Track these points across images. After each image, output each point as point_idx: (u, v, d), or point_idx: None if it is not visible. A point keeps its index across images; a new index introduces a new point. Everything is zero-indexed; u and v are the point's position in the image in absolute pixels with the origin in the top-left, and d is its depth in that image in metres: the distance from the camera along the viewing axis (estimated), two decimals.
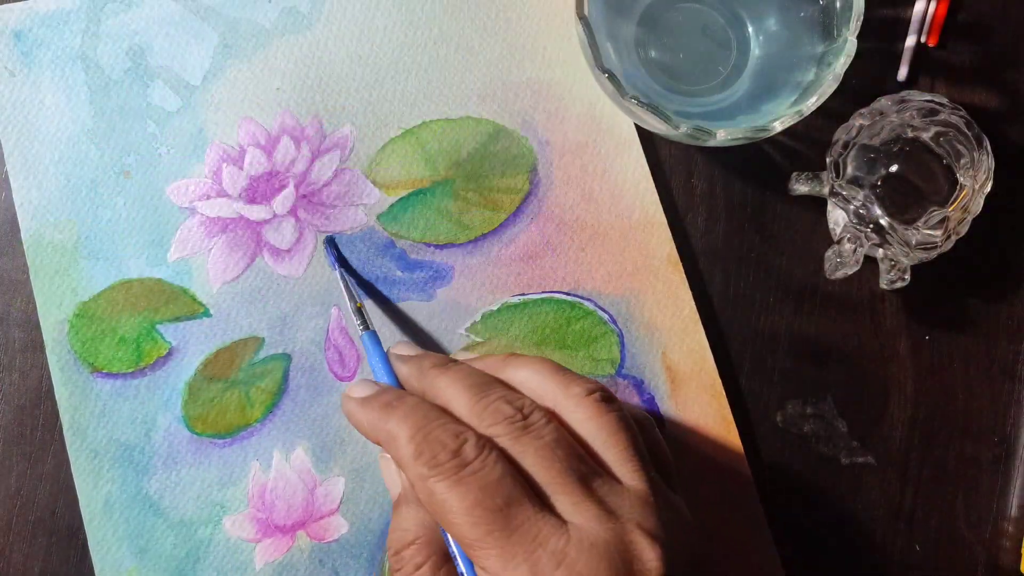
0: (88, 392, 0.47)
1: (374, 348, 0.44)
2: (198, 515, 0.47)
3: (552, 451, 0.37)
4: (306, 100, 0.50)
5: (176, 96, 0.49)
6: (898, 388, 0.50)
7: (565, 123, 0.51)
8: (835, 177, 0.48)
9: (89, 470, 0.46)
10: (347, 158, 0.50)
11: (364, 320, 0.45)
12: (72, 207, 0.48)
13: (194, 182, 0.49)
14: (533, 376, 0.41)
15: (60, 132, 0.49)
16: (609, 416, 0.39)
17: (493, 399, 0.39)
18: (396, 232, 0.49)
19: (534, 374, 0.41)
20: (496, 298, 0.49)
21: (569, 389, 0.40)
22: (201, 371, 0.48)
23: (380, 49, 0.51)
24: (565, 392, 0.40)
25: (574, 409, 0.39)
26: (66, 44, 0.49)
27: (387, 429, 0.39)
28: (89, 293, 0.48)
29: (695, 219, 0.51)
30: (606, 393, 0.40)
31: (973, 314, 0.51)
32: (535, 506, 0.36)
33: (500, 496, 0.36)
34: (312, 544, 0.47)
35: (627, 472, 0.38)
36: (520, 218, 0.50)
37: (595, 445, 0.39)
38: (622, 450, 0.38)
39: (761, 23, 0.50)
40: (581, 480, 0.37)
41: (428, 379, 0.41)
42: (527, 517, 0.35)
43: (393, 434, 0.38)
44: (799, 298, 0.50)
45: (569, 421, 0.39)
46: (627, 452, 0.38)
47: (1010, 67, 0.52)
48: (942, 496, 0.50)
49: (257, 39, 0.50)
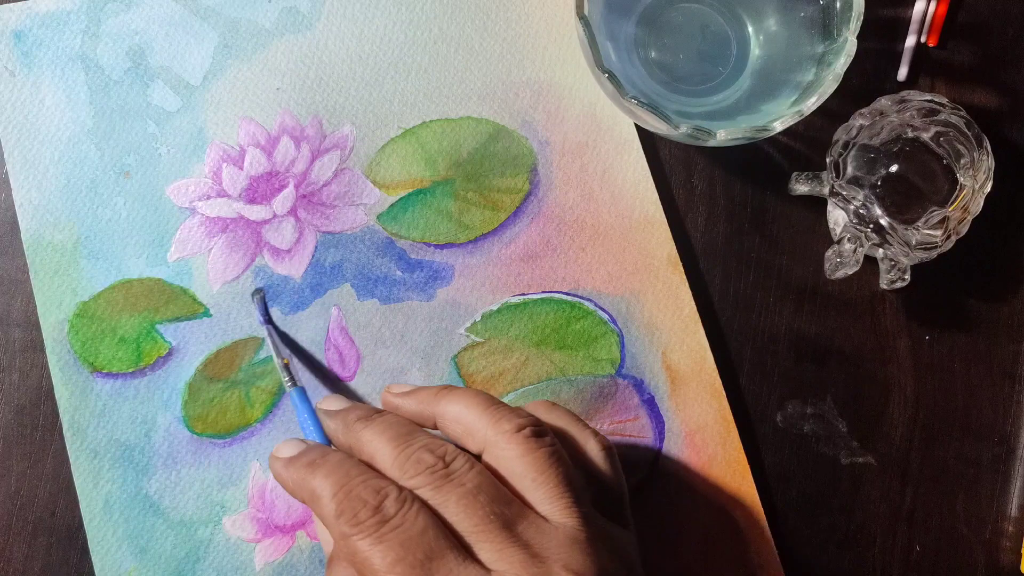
0: (88, 392, 0.47)
1: (302, 404, 0.44)
2: (198, 515, 0.47)
3: (474, 498, 0.37)
4: (306, 100, 0.50)
5: (176, 96, 0.49)
6: (898, 388, 0.50)
7: (565, 123, 0.51)
8: (835, 177, 0.48)
9: (89, 470, 0.46)
10: (347, 158, 0.50)
11: (291, 376, 0.45)
12: (72, 207, 0.48)
13: (194, 182, 0.49)
14: (464, 412, 0.40)
15: (60, 132, 0.49)
16: (538, 453, 0.39)
17: (415, 449, 0.39)
18: (396, 232, 0.49)
19: (465, 409, 0.40)
20: (496, 298, 0.49)
21: (499, 425, 0.39)
22: (201, 371, 0.48)
23: (380, 49, 0.51)
24: (495, 428, 0.39)
25: (504, 446, 0.39)
26: (66, 44, 0.49)
27: (310, 488, 0.38)
28: (89, 293, 0.48)
29: (695, 219, 0.51)
30: (537, 428, 0.40)
31: (973, 314, 0.51)
32: (457, 557, 0.36)
33: (421, 551, 0.35)
34: (312, 544, 0.47)
35: (556, 510, 0.38)
36: (520, 218, 0.50)
37: (523, 483, 0.38)
38: (551, 487, 0.38)
39: (761, 23, 0.50)
40: (505, 526, 0.37)
41: (353, 433, 0.41)
42: (449, 570, 0.35)
43: (317, 493, 0.38)
44: (799, 298, 0.50)
45: (498, 458, 0.39)
46: (556, 489, 0.38)
47: (1010, 67, 0.52)
48: (942, 496, 0.50)
49: (257, 39, 0.50)
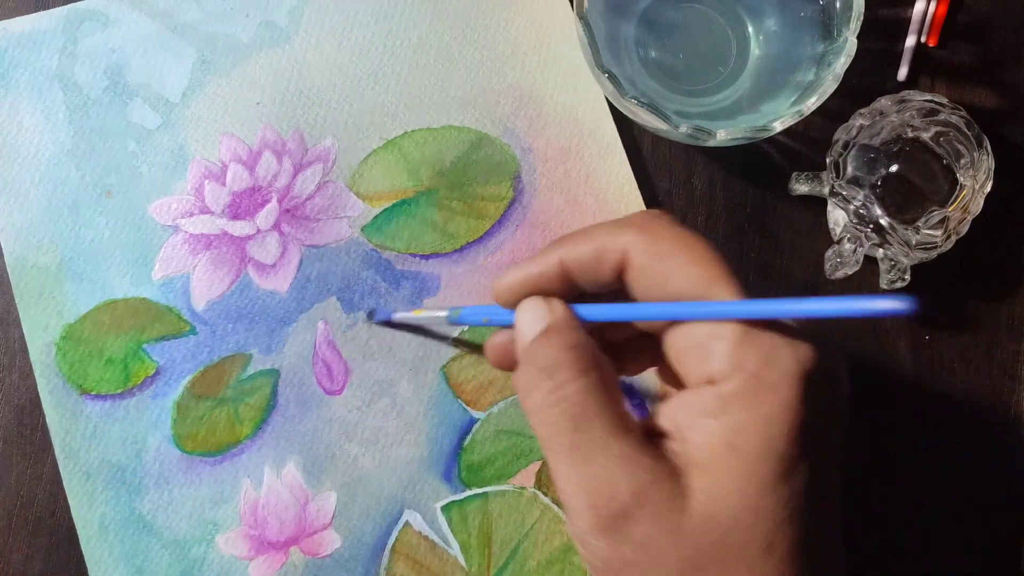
0: (78, 415, 0.47)
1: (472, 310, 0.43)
2: (191, 534, 0.47)
3: None
4: (287, 114, 0.49)
5: (156, 114, 0.49)
6: (898, 388, 0.50)
7: (547, 129, 0.50)
8: (835, 177, 0.48)
9: (83, 492, 0.47)
10: (330, 171, 0.49)
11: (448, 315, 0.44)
12: (54, 229, 0.48)
13: (176, 199, 0.49)
14: None
15: (40, 153, 0.49)
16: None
17: None
18: (381, 243, 0.49)
19: None
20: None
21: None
22: (189, 389, 0.48)
23: (360, 60, 0.50)
24: None
25: None
26: (43, 64, 0.49)
27: None
28: (75, 315, 0.48)
29: (695, 219, 0.50)
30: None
31: (973, 314, 0.50)
32: None
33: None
34: (306, 560, 0.47)
35: None
36: (505, 225, 0.49)
37: None
38: None
39: (761, 23, 0.49)
40: None
41: None
42: None
43: None
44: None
45: None
46: None
47: (1010, 67, 0.52)
48: (942, 496, 0.49)
49: (235, 54, 0.50)
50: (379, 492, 0.47)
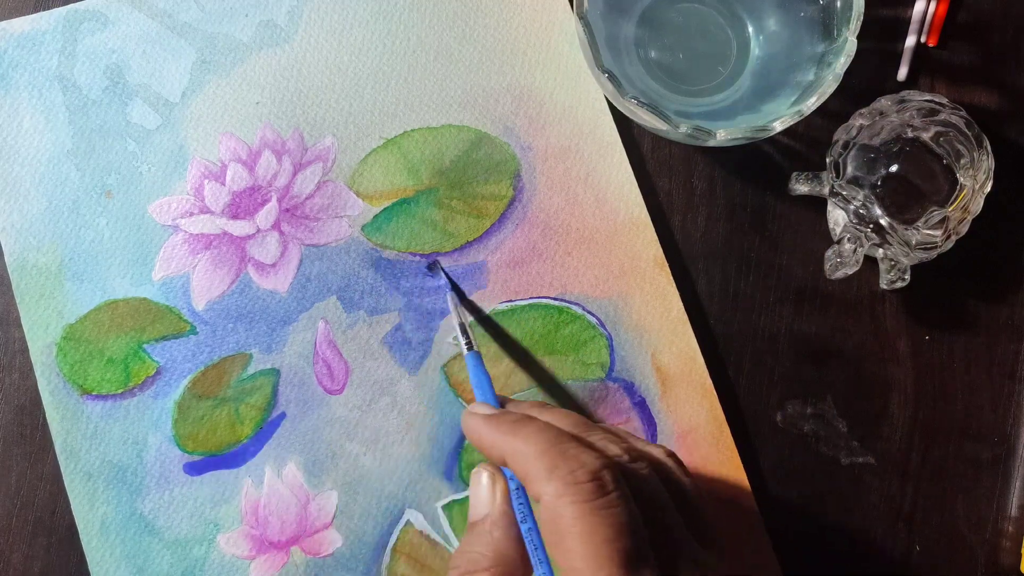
0: (79, 415, 0.47)
1: (478, 368, 0.43)
2: (192, 534, 0.47)
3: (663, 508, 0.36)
4: (286, 113, 0.49)
5: (155, 113, 0.49)
6: (898, 388, 0.50)
7: (547, 128, 0.50)
8: (835, 177, 0.48)
9: (84, 492, 0.47)
10: (329, 170, 0.49)
11: (469, 340, 0.45)
12: (55, 229, 0.48)
13: (176, 199, 0.49)
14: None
15: (40, 154, 0.49)
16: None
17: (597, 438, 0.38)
18: (381, 243, 0.49)
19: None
20: (483, 306, 0.49)
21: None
22: (190, 389, 0.48)
23: (359, 60, 0.50)
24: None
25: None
26: (43, 65, 0.49)
27: (514, 445, 0.36)
28: (75, 315, 0.48)
29: (695, 219, 0.50)
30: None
31: (973, 314, 0.50)
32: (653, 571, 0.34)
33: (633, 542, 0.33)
34: (307, 559, 0.47)
35: None
36: (505, 224, 0.49)
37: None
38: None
39: (761, 23, 0.49)
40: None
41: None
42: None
43: (521, 450, 0.36)
44: (799, 298, 0.50)
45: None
46: None
47: (1010, 67, 0.52)
48: (942, 496, 0.49)
49: (235, 54, 0.49)
50: (380, 491, 0.48)
